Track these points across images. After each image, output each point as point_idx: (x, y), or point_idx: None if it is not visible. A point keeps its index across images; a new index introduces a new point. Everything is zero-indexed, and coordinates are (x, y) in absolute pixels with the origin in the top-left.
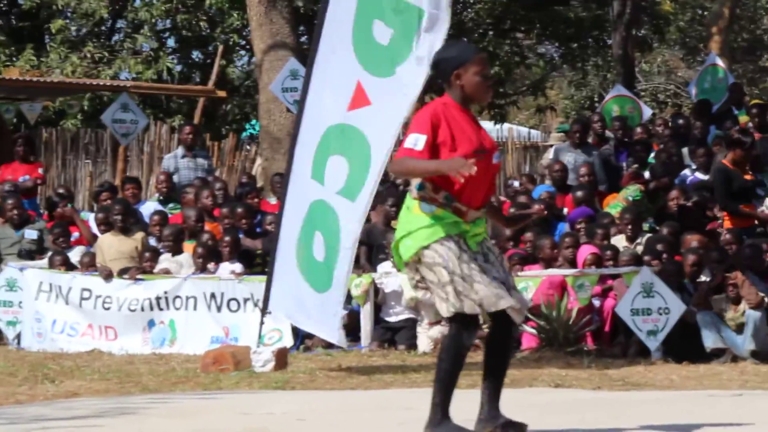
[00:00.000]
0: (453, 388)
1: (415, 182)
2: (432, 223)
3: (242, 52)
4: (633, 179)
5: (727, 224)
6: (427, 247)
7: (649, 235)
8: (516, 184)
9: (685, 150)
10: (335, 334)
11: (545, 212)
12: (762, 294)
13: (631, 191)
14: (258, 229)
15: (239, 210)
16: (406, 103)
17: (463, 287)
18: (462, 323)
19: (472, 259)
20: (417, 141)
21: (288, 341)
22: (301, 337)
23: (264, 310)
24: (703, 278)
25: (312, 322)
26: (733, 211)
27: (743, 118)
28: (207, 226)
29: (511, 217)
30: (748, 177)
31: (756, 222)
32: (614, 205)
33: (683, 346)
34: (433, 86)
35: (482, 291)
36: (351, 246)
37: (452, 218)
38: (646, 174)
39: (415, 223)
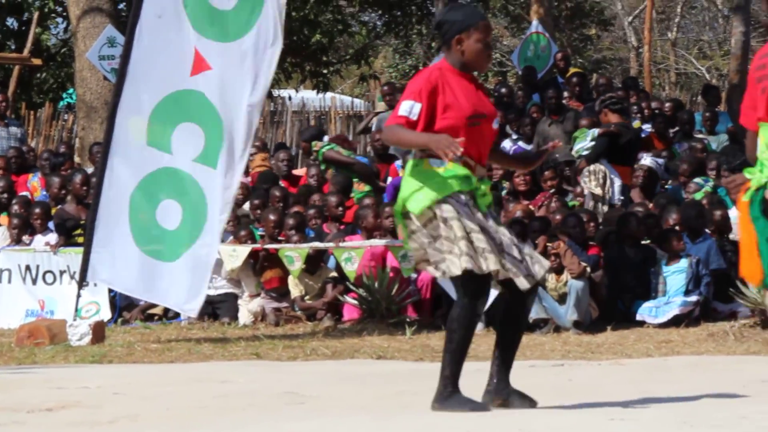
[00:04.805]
0: (463, 360)
1: None
2: (445, 177)
3: (58, 19)
4: None
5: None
6: (443, 201)
7: None
8: None
9: None
10: (191, 304)
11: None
12: (584, 263)
13: None
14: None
15: (79, 177)
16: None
17: (482, 242)
18: (474, 290)
19: (484, 218)
20: (412, 109)
21: (106, 314)
22: (118, 310)
23: (81, 283)
24: None
25: (155, 292)
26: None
27: None
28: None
29: (529, 156)
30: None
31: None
32: None
33: None
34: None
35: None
36: (222, 213)
37: (464, 171)
38: None
39: (426, 177)
